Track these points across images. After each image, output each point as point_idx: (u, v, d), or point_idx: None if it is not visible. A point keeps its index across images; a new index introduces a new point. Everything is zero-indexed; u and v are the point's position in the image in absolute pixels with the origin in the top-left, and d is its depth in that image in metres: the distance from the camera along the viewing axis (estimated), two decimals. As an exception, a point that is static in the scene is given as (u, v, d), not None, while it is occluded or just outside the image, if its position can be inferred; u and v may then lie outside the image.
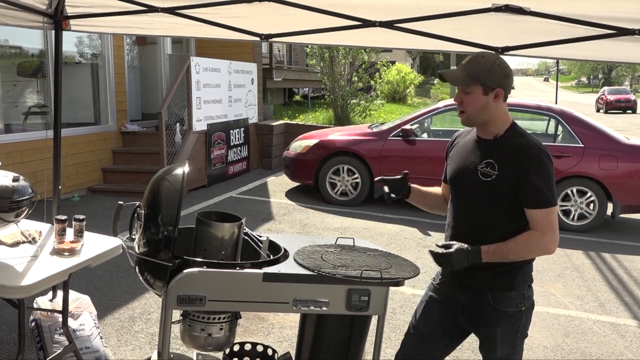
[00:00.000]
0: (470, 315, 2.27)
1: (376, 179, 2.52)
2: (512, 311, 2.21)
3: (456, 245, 2.11)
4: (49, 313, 3.13)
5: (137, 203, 2.29)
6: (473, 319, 2.27)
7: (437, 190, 2.57)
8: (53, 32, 3.68)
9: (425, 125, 8.05)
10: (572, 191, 7.03)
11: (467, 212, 2.27)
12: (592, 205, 7.02)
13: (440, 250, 2.12)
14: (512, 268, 2.20)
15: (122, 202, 2.43)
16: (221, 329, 2.29)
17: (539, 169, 2.11)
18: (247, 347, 2.84)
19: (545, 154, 2.13)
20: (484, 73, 2.15)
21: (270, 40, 3.75)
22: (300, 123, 12.09)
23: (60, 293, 3.17)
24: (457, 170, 2.32)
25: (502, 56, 2.69)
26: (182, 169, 2.26)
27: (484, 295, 2.22)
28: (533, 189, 2.10)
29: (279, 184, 9.17)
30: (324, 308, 2.20)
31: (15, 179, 2.71)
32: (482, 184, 2.19)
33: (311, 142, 8.18)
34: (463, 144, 2.36)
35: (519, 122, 2.30)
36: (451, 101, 8.66)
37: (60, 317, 2.98)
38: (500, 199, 2.17)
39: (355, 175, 7.85)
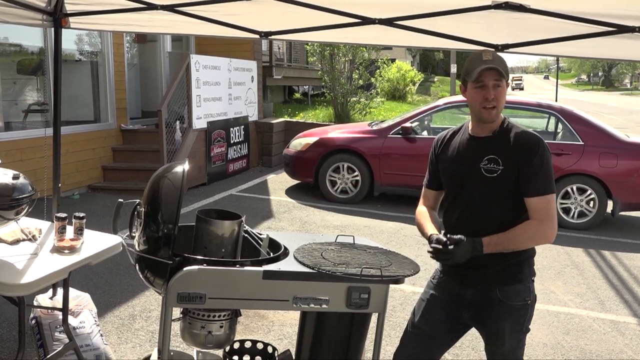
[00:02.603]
0: (476, 312, 2.28)
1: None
2: (519, 305, 2.23)
3: (457, 240, 2.11)
4: (49, 311, 3.13)
5: (137, 201, 2.29)
6: (479, 315, 2.28)
7: (427, 212, 2.42)
8: (52, 29, 3.68)
9: (426, 122, 8.04)
10: (572, 189, 7.03)
11: (471, 211, 2.27)
12: (592, 202, 7.02)
13: (441, 246, 2.12)
14: (519, 261, 2.22)
15: (122, 200, 2.43)
16: (221, 327, 2.29)
17: (540, 159, 2.15)
18: (247, 344, 2.84)
19: (542, 142, 2.19)
20: (507, 68, 2.20)
21: (269, 37, 3.75)
22: (300, 121, 12.09)
23: (60, 291, 3.18)
24: (455, 171, 2.32)
25: (501, 54, 2.69)
26: (182, 167, 2.26)
27: (492, 290, 2.23)
28: (533, 177, 2.14)
29: (279, 182, 9.17)
30: (324, 306, 2.20)
31: (15, 177, 2.71)
32: (486, 181, 2.20)
33: (311, 139, 8.18)
34: (456, 145, 2.35)
35: (520, 120, 2.32)
36: (451, 99, 8.66)
37: (60, 315, 2.98)
38: (506, 193, 2.19)
39: (355, 173, 7.85)
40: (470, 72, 2.19)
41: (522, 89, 70.19)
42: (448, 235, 2.15)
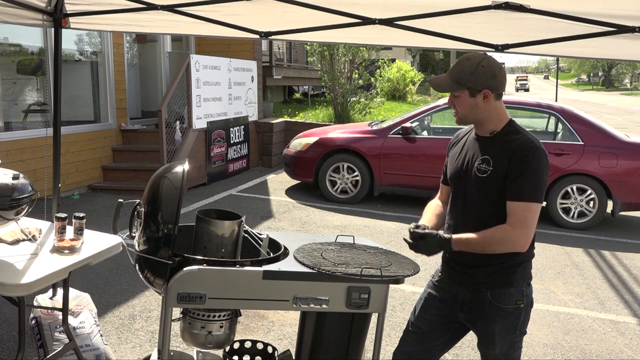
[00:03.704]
0: (469, 312, 2.28)
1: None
2: (511, 308, 2.22)
3: (422, 235, 2.17)
4: (49, 311, 3.13)
5: (137, 201, 2.29)
6: (471, 315, 2.28)
7: (436, 204, 2.53)
8: (52, 29, 3.68)
9: (425, 122, 8.05)
10: (572, 189, 7.03)
11: (465, 209, 2.29)
12: (592, 202, 7.02)
13: (412, 239, 2.19)
14: (511, 265, 2.20)
15: (122, 200, 2.43)
16: (221, 327, 2.29)
17: (526, 163, 2.11)
18: (247, 344, 2.84)
19: (538, 150, 2.14)
20: (468, 76, 2.17)
21: (269, 37, 3.75)
22: (300, 121, 12.09)
23: (60, 291, 3.18)
24: (456, 168, 2.35)
25: (501, 54, 2.68)
26: (182, 167, 2.26)
27: (483, 292, 2.23)
28: (515, 181, 2.11)
29: (279, 182, 9.17)
30: (324, 306, 2.20)
31: (15, 177, 2.71)
32: (478, 180, 2.21)
33: (311, 139, 8.18)
34: (463, 143, 2.38)
35: (519, 120, 2.31)
36: (451, 99, 8.65)
37: (60, 315, 2.99)
38: (496, 195, 2.18)
39: (355, 173, 7.85)
40: None
41: (527, 89, 64.86)
42: (412, 229, 2.21)
